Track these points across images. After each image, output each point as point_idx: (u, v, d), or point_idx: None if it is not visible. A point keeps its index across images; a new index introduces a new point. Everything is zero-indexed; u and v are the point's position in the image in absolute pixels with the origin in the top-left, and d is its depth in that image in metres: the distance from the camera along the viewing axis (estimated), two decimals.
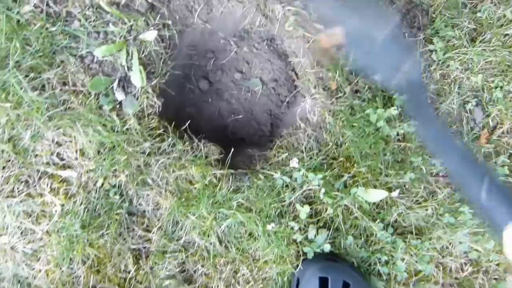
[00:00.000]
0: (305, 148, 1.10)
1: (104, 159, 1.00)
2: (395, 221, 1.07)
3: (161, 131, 1.06)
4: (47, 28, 1.01)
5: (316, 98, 1.15)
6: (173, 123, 1.10)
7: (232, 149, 1.05)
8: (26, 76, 0.99)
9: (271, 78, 1.23)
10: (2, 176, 0.99)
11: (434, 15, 1.26)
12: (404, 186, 1.10)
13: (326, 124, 1.13)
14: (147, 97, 1.06)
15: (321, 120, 1.14)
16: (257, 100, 1.23)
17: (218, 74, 1.22)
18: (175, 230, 1.04)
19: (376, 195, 1.05)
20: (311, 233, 1.04)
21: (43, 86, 1.01)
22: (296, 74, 1.21)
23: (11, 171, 0.99)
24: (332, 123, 1.12)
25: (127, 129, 1.04)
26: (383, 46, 0.84)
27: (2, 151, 0.99)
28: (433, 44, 1.22)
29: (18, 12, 1.00)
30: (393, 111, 1.10)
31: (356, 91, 1.15)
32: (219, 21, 1.17)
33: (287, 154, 1.10)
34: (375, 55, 0.86)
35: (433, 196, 1.11)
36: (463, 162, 0.62)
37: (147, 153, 1.03)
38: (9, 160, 1.00)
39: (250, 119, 1.24)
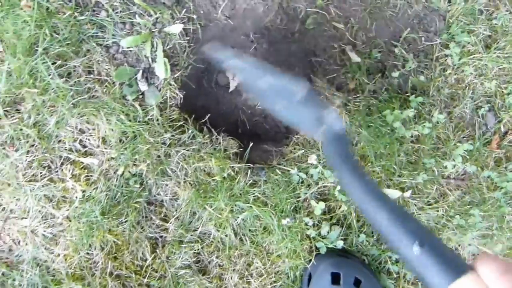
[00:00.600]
0: (321, 145, 1.12)
1: (126, 148, 1.02)
2: None
3: (181, 122, 1.08)
4: (75, 17, 1.03)
5: (332, 97, 1.17)
6: (193, 116, 1.12)
7: (251, 144, 1.07)
8: (53, 63, 1.01)
9: (288, 75, 1.25)
10: (26, 160, 1.01)
11: (450, 21, 1.29)
12: (417, 187, 1.12)
13: (343, 123, 1.15)
14: (170, 89, 1.08)
15: None
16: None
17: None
18: (192, 221, 1.06)
19: (390, 194, 1.07)
20: (325, 229, 1.07)
21: (69, 73, 1.03)
22: (313, 72, 1.23)
23: (34, 156, 1.01)
24: (348, 122, 1.15)
25: (149, 119, 1.06)
26: (301, 103, 0.83)
27: (27, 135, 1.00)
28: (449, 49, 1.24)
29: (48, 0, 1.02)
30: (409, 112, 1.13)
31: (374, 91, 1.18)
32: (241, 17, 1.19)
33: (303, 151, 1.12)
34: (294, 110, 0.84)
35: (444, 197, 1.13)
36: (392, 219, 0.53)
37: (167, 144, 1.05)
38: (33, 145, 1.01)
39: (266, 115, 1.26)
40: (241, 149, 1.10)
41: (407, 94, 1.17)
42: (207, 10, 1.13)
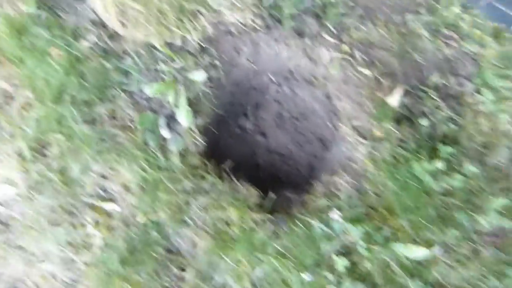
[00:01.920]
0: (344, 196, 1.08)
1: (146, 195, 1.02)
2: (436, 280, 1.03)
3: (202, 170, 1.07)
4: (102, 64, 1.06)
5: (358, 145, 1.14)
6: (214, 162, 1.11)
7: (272, 195, 1.05)
8: (79, 109, 1.03)
9: (311, 118, 1.23)
10: (49, 205, 1.03)
11: (483, 65, 1.23)
12: (447, 243, 1.06)
13: (367, 172, 1.12)
14: (192, 136, 1.08)
15: (362, 168, 1.13)
16: (297, 140, 1.23)
17: (258, 112, 1.24)
18: (209, 271, 1.04)
19: (417, 252, 1.01)
20: (347, 285, 1.02)
21: (94, 119, 1.05)
22: (339, 118, 1.21)
23: (58, 200, 1.03)
24: (374, 173, 1.11)
25: (170, 166, 1.06)
26: None
27: (52, 180, 1.02)
28: (482, 95, 1.19)
29: (77, 49, 1.05)
30: (439, 164, 1.07)
31: (401, 140, 1.13)
32: (264, 61, 1.19)
33: (325, 200, 1.08)
34: None
35: (477, 255, 1.06)
36: None
37: (187, 191, 1.05)
38: (57, 190, 1.03)
39: (288, 159, 1.24)
40: (262, 198, 1.08)
41: (437, 143, 1.12)
42: (230, 56, 1.13)
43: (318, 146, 1.22)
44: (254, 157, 1.23)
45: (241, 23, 1.04)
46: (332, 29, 1.15)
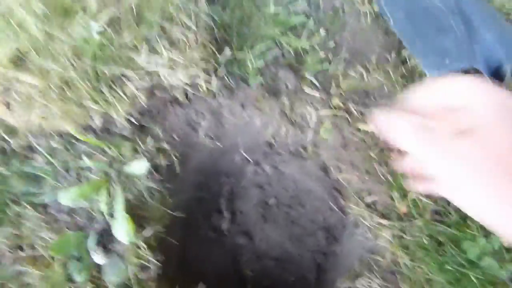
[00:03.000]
0: None
1: None
2: None
3: None
4: None
5: (379, 229, 0.81)
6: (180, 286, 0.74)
7: None
8: None
9: (308, 202, 0.91)
10: None
11: None
12: None
13: (401, 267, 0.77)
14: (139, 256, 0.72)
15: (392, 261, 0.78)
16: (294, 236, 0.89)
17: (235, 204, 0.90)
18: None
19: None
20: None
21: None
22: (344, 196, 0.89)
23: None
24: (410, 265, 0.76)
25: None
26: None
27: None
28: None
29: None
30: (499, 240, 0.75)
31: (437, 213, 0.81)
32: (232, 135, 0.89)
33: None
34: None
35: None
36: None
37: None
38: None
39: (286, 263, 0.88)
40: None
41: None
42: (183, 134, 0.82)
43: (324, 239, 0.88)
44: (238, 268, 0.87)
45: (189, 86, 0.75)
46: (314, 80, 0.88)
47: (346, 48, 0.91)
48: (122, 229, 0.71)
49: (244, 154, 0.89)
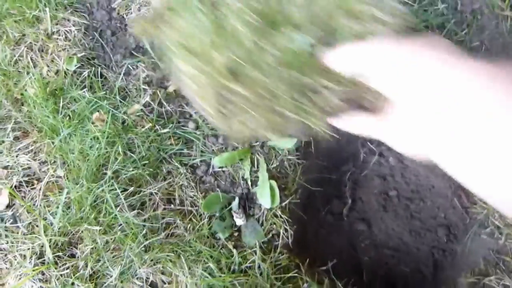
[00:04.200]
0: None
1: None
2: None
3: (293, 272, 0.74)
4: (155, 131, 0.80)
5: (506, 228, 0.80)
6: (307, 260, 0.78)
7: None
8: (124, 190, 0.75)
9: (429, 198, 0.91)
10: None
11: None
12: None
13: None
14: (275, 223, 0.77)
15: None
16: (413, 229, 0.90)
17: (357, 192, 0.93)
18: None
19: None
20: None
21: (143, 203, 0.77)
22: (467, 194, 0.88)
23: None
24: None
25: (247, 267, 0.73)
26: None
27: None
28: None
29: (125, 112, 0.81)
30: None
31: None
32: None
33: None
34: None
35: None
36: None
37: None
38: None
39: (403, 255, 0.89)
40: None
41: None
42: None
43: (444, 236, 0.88)
44: (354, 254, 0.89)
45: None
46: None
47: (482, 52, 0.92)
48: (265, 195, 0.76)
49: (370, 144, 0.92)
